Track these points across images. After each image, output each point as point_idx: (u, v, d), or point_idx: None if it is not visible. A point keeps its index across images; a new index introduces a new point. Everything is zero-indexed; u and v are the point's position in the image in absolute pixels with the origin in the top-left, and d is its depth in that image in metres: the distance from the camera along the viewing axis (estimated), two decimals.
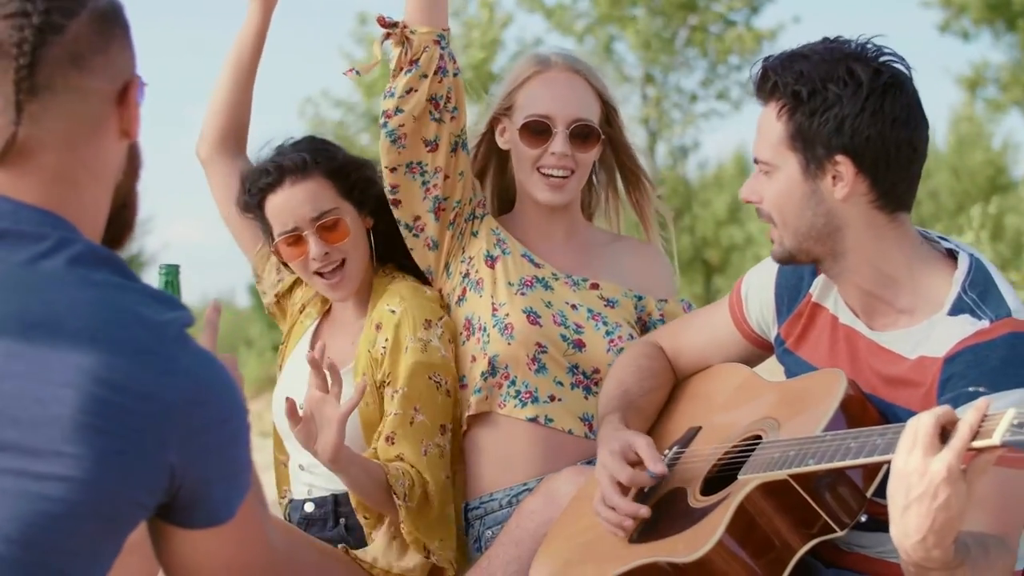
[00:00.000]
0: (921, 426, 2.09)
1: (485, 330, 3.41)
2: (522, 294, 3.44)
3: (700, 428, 2.85)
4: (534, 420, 3.39)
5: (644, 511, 2.67)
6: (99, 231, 1.96)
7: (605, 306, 3.50)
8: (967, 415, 2.06)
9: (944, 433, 2.09)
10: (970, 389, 2.42)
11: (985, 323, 2.50)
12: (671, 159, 24.59)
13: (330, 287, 3.46)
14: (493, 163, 3.66)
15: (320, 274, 3.43)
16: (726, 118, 32.17)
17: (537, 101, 3.48)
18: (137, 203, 2.07)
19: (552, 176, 3.46)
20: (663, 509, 2.70)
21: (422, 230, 3.47)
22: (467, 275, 3.49)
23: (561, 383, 3.38)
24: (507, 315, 3.41)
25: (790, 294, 2.86)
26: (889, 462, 2.20)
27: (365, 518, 3.37)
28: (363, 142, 23.82)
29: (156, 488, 1.83)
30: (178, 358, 1.82)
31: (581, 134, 3.46)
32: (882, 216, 2.59)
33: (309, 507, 3.52)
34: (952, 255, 2.65)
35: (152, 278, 3.35)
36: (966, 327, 2.51)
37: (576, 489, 3.03)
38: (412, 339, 3.34)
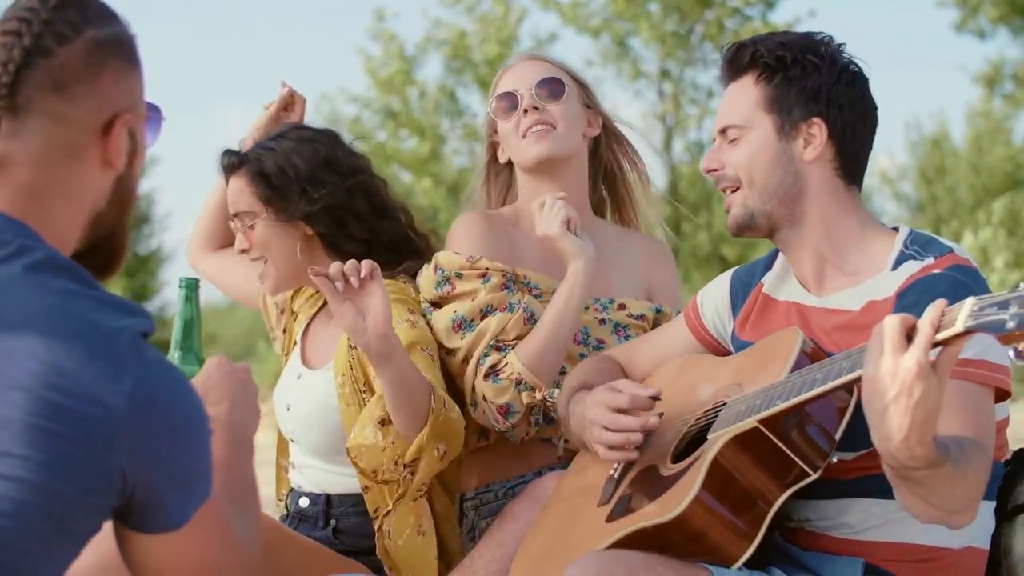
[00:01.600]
0: (887, 329, 2.16)
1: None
2: None
3: (662, 413, 2.87)
4: (548, 440, 3.44)
5: (653, 420, 2.76)
6: (68, 249, 1.98)
7: (631, 318, 3.52)
8: (927, 312, 2.14)
9: (909, 336, 2.16)
10: (922, 298, 2.51)
11: (930, 259, 2.64)
12: (688, 154, 24.56)
13: (259, 276, 3.56)
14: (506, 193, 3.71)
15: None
16: None
17: (504, 88, 3.58)
18: (125, 236, 2.10)
19: (532, 131, 3.51)
20: (636, 486, 2.72)
21: None
22: None
23: None
24: None
25: (744, 290, 2.96)
26: (858, 380, 2.28)
27: (374, 515, 3.32)
28: (380, 138, 23.86)
29: (108, 491, 1.85)
30: (128, 365, 1.85)
31: (546, 89, 3.54)
32: (842, 184, 2.76)
33: (304, 502, 3.51)
34: (895, 229, 2.79)
35: (169, 273, 3.45)
36: (912, 268, 2.64)
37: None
38: (399, 320, 3.31)
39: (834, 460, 2.53)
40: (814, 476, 2.52)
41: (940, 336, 2.12)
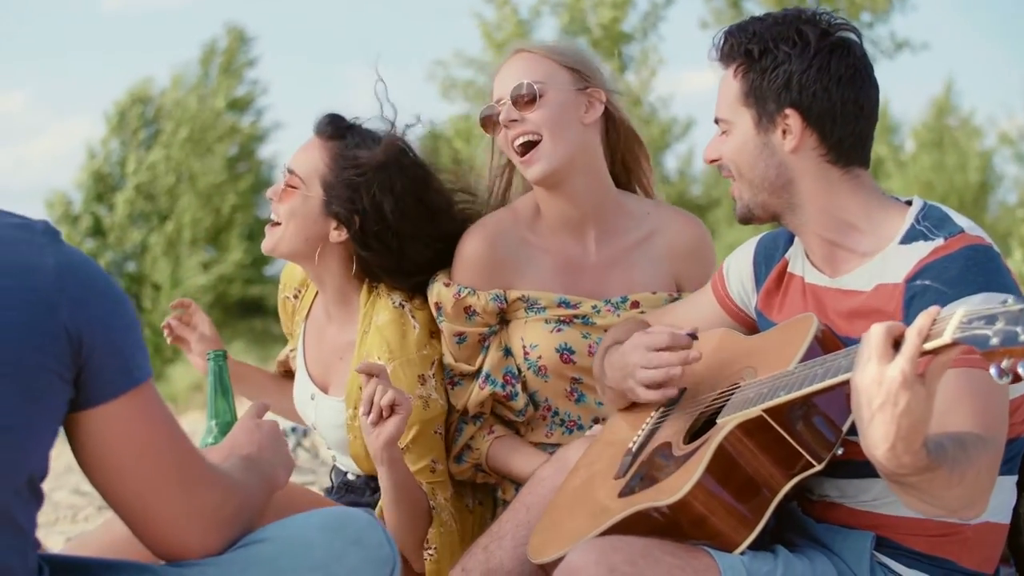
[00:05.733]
0: (873, 337, 2.13)
1: (520, 372, 3.49)
2: (558, 331, 3.47)
3: (685, 389, 2.89)
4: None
5: (694, 355, 2.80)
6: None
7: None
8: (916, 320, 2.10)
9: (897, 343, 2.13)
10: (931, 284, 2.51)
11: (940, 240, 2.59)
12: None
13: (267, 228, 3.56)
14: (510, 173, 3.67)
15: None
16: None
17: (494, 95, 3.49)
18: None
19: (518, 148, 3.44)
20: (649, 463, 2.74)
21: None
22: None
23: (602, 404, 3.38)
24: (539, 357, 3.46)
25: (767, 263, 2.95)
26: None
27: None
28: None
29: (62, 354, 2.02)
30: (47, 243, 2.06)
31: (521, 97, 3.42)
32: (835, 169, 2.72)
33: (351, 476, 3.62)
34: (909, 203, 2.74)
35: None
36: (922, 250, 2.60)
37: None
38: (412, 398, 3.35)
39: (839, 452, 2.52)
40: (819, 467, 2.52)
41: (928, 346, 2.08)
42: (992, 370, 1.98)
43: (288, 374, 3.86)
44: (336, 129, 3.51)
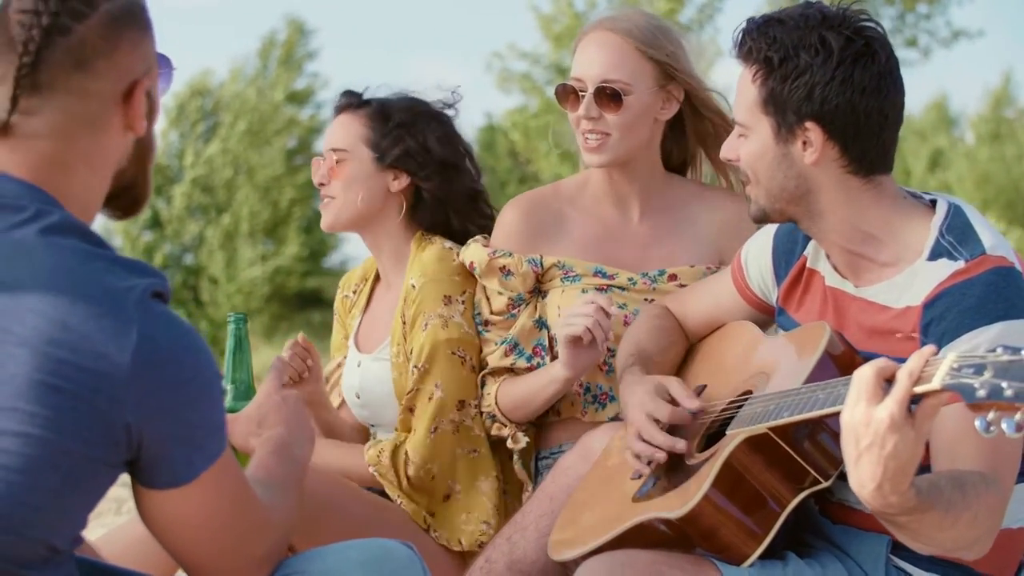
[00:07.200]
0: (863, 377, 2.10)
1: (549, 346, 3.48)
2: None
3: (705, 386, 2.89)
4: (615, 418, 3.42)
5: (681, 444, 2.72)
6: (91, 214, 2.02)
7: (681, 288, 3.46)
8: (908, 362, 2.06)
9: (889, 382, 2.09)
10: (948, 311, 2.48)
11: (961, 263, 2.53)
12: None
13: (321, 207, 3.63)
14: None
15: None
16: (915, 66, 31.48)
17: (575, 65, 3.47)
18: (146, 185, 2.12)
19: (587, 138, 3.44)
20: (664, 468, 2.75)
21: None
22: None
23: None
24: None
25: (787, 258, 2.90)
26: None
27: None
28: (548, 94, 24.02)
29: (114, 446, 1.89)
30: (134, 322, 1.86)
31: (607, 94, 3.39)
32: (856, 179, 2.63)
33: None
34: (934, 205, 2.67)
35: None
36: (943, 270, 2.54)
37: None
38: (432, 315, 3.42)
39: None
40: (826, 484, 2.52)
41: (918, 390, 2.04)
42: (977, 422, 1.94)
43: None
44: (355, 97, 3.61)
